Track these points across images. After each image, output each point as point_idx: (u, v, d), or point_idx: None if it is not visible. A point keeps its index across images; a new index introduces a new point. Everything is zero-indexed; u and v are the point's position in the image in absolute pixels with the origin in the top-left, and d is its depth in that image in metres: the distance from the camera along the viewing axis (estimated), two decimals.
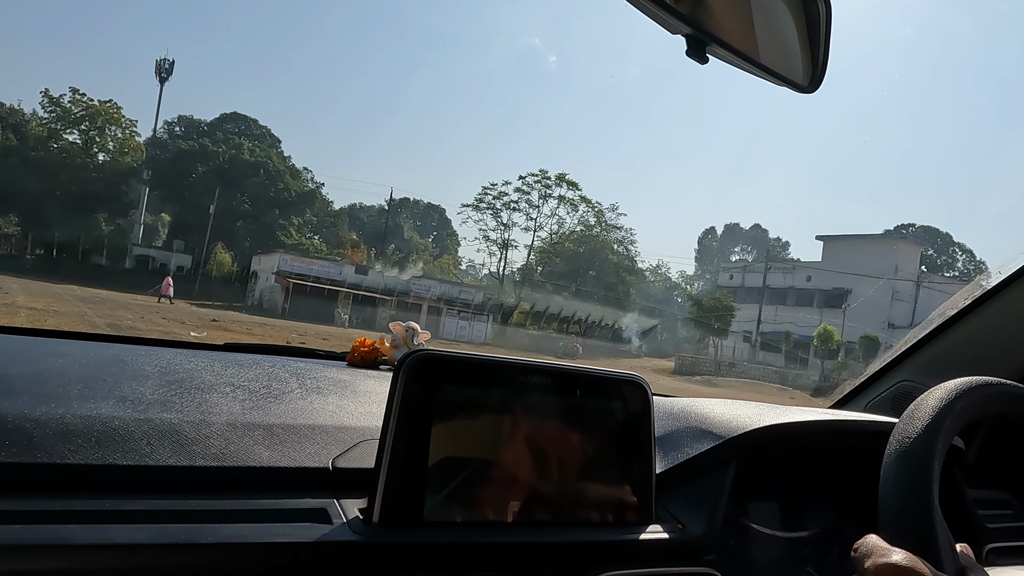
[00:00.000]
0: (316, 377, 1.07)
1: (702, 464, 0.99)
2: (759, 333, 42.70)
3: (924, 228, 69.17)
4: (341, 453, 0.82)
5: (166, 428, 0.76)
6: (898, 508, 0.65)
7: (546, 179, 50.98)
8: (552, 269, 50.91)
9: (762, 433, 1.01)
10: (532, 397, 0.83)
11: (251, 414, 0.85)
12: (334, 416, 0.92)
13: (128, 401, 0.80)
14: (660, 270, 72.46)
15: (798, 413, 1.11)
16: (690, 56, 0.76)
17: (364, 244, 51.20)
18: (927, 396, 0.73)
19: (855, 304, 40.76)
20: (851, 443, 1.13)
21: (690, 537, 0.90)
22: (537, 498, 0.81)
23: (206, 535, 0.64)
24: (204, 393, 0.88)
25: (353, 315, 35.06)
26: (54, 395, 0.78)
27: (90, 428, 0.72)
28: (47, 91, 46.43)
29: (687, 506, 0.95)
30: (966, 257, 68.54)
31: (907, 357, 1.64)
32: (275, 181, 49.53)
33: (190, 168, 48.38)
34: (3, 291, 20.81)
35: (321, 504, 0.74)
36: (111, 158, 47.29)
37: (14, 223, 42.09)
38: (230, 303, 35.26)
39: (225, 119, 57.64)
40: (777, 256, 67.55)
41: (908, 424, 0.70)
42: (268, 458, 0.77)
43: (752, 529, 1.10)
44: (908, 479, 0.66)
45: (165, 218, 52.19)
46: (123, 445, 0.72)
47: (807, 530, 1.14)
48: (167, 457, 0.72)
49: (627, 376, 0.92)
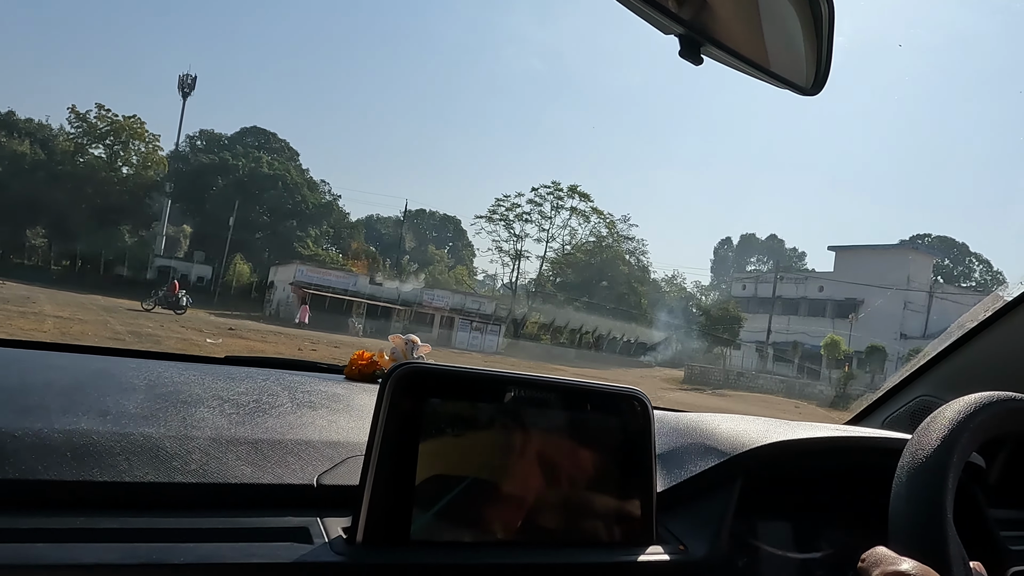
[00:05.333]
0: (309, 391, 1.06)
1: (706, 482, 0.96)
2: (770, 343, 42.86)
3: (940, 238, 68.77)
4: (327, 470, 0.80)
5: (146, 443, 0.74)
6: (909, 520, 0.64)
7: (558, 191, 51.47)
8: (564, 280, 51.34)
9: (770, 450, 0.98)
10: (526, 412, 0.79)
11: (237, 429, 0.83)
12: (323, 431, 0.89)
13: (110, 415, 0.79)
14: (675, 280, 72.58)
15: (808, 429, 1.09)
16: (683, 57, 0.74)
17: (380, 255, 51.89)
18: (944, 410, 0.71)
19: (865, 314, 40.82)
20: (864, 460, 1.09)
21: (692, 559, 0.86)
22: (530, 517, 0.78)
23: (179, 555, 0.62)
24: (190, 407, 0.87)
25: (367, 325, 35.72)
26: (34, 408, 0.76)
27: (67, 443, 0.70)
28: (74, 107, 48.04)
29: (690, 526, 0.91)
30: (983, 268, 68.02)
31: (926, 371, 1.59)
32: (293, 193, 50.48)
33: (211, 181, 49.51)
34: (31, 300, 21.73)
35: (303, 523, 0.71)
36: (135, 172, 48.46)
37: (41, 235, 43.34)
38: (248, 313, 36.00)
39: (245, 133, 58.88)
40: (793, 267, 67.57)
41: (923, 437, 0.69)
42: (250, 475, 0.75)
43: (762, 550, 1.06)
44: (920, 491, 0.64)
45: (187, 230, 53.27)
46: (100, 461, 0.70)
47: (820, 551, 1.10)
48: (145, 473, 0.70)
49: (627, 390, 0.88)
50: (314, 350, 16.46)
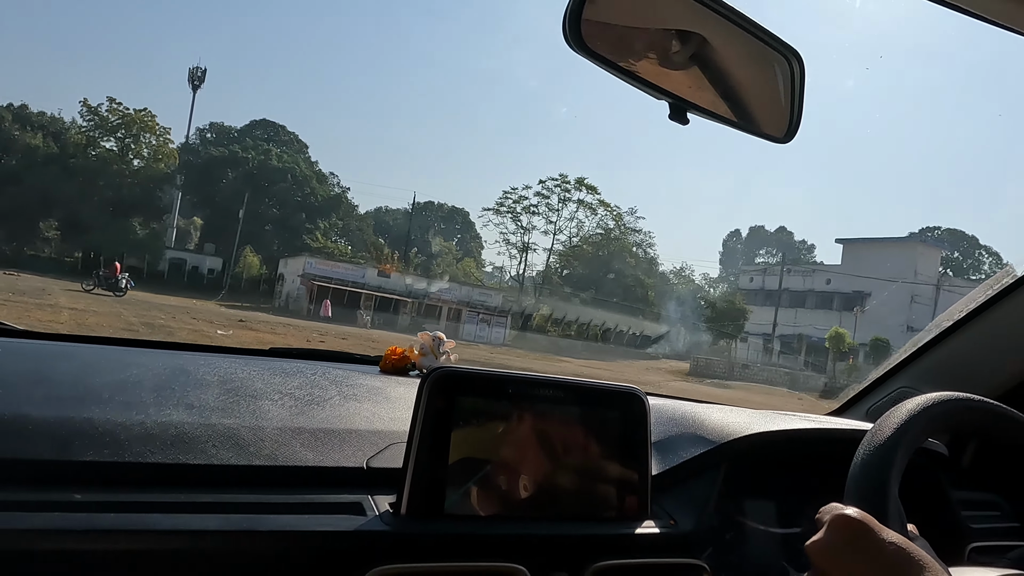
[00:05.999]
0: (352, 384, 1.19)
1: (695, 467, 1.09)
2: (777, 336, 42.93)
3: (950, 231, 68.50)
4: (374, 454, 0.94)
5: (226, 432, 0.88)
6: (858, 481, 0.74)
7: (565, 183, 51.58)
8: (571, 273, 51.53)
9: (750, 440, 1.13)
10: (540, 407, 0.93)
11: (297, 419, 0.97)
12: (368, 421, 1.03)
13: (194, 408, 0.92)
14: (683, 273, 72.60)
15: (788, 420, 1.23)
16: (672, 119, 0.89)
17: (388, 247, 52.10)
18: (906, 403, 0.81)
19: (871, 307, 40.82)
20: (837, 448, 1.17)
21: (681, 532, 0.99)
22: (543, 495, 0.91)
23: (264, 524, 0.76)
24: (257, 400, 1.00)
25: (375, 317, 35.99)
26: (134, 403, 0.89)
27: (165, 432, 0.84)
28: (86, 100, 48.60)
29: (680, 505, 1.04)
30: (992, 260, 67.66)
31: (907, 364, 1.69)
32: (302, 186, 50.73)
33: (221, 174, 49.86)
34: (47, 292, 22.19)
35: (357, 499, 0.85)
36: (146, 164, 48.73)
37: (54, 227, 43.87)
38: (258, 304, 36.35)
39: (254, 126, 59.23)
40: (801, 259, 67.41)
41: (883, 423, 0.79)
42: (312, 458, 0.89)
43: (747, 525, 1.19)
44: (871, 462, 0.74)
45: (197, 222, 53.61)
46: (192, 447, 0.84)
47: (800, 527, 1.20)
48: (228, 457, 0.84)
49: (626, 388, 1.02)
50: (322, 342, 16.65)
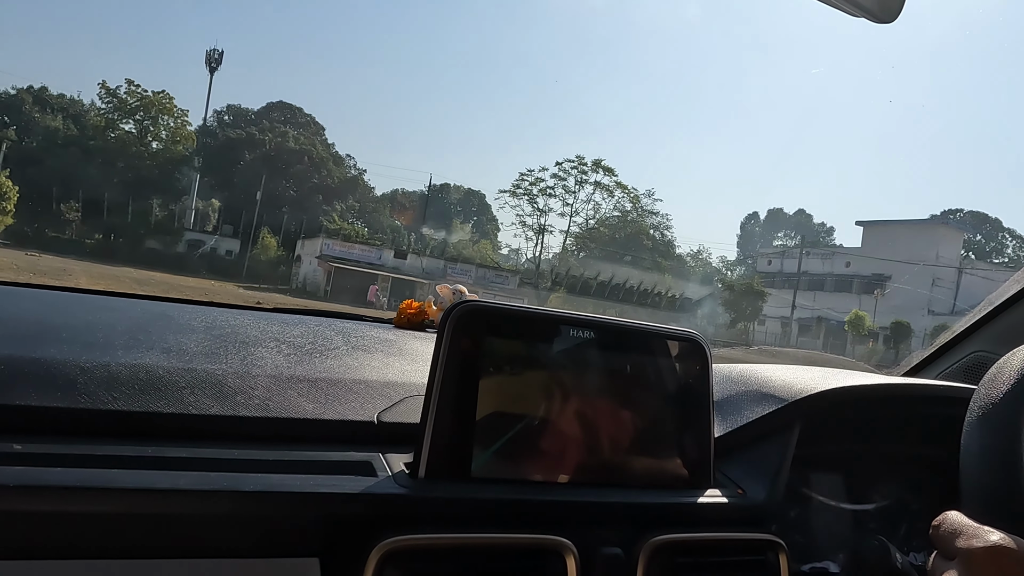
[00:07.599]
0: (362, 336, 1.08)
1: (763, 428, 0.94)
2: (795, 319, 42.62)
3: (972, 214, 67.52)
4: (386, 408, 0.82)
5: (209, 378, 0.77)
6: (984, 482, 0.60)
7: (582, 165, 51.29)
8: (588, 255, 51.38)
9: (829, 396, 0.96)
10: (584, 352, 0.79)
11: (295, 368, 0.86)
12: (379, 372, 0.91)
13: (172, 352, 0.81)
14: (701, 255, 72.18)
15: (869, 378, 1.06)
16: None
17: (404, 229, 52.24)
18: (1009, 358, 0.68)
19: (892, 290, 40.39)
20: (925, 410, 1.06)
21: (751, 503, 0.86)
22: (589, 457, 0.78)
23: (249, 483, 0.64)
24: (249, 347, 0.89)
25: (391, 297, 36.19)
26: (100, 344, 0.79)
27: (134, 376, 0.73)
28: (104, 83, 48.63)
29: (747, 472, 0.90)
30: (1016, 243, 66.69)
31: (981, 326, 1.52)
32: (319, 168, 51.05)
33: (238, 156, 50.25)
34: (68, 273, 22.43)
35: (366, 457, 0.73)
36: (164, 146, 49.11)
37: (75, 209, 44.22)
38: (275, 286, 36.66)
39: (271, 108, 59.48)
40: (820, 242, 66.77)
41: (990, 389, 0.65)
42: (312, 411, 0.77)
43: (814, 499, 1.04)
44: (994, 450, 0.60)
45: (215, 204, 53.90)
46: (166, 394, 0.72)
47: (873, 502, 1.07)
48: (210, 406, 0.73)
49: (685, 333, 0.87)
50: None
